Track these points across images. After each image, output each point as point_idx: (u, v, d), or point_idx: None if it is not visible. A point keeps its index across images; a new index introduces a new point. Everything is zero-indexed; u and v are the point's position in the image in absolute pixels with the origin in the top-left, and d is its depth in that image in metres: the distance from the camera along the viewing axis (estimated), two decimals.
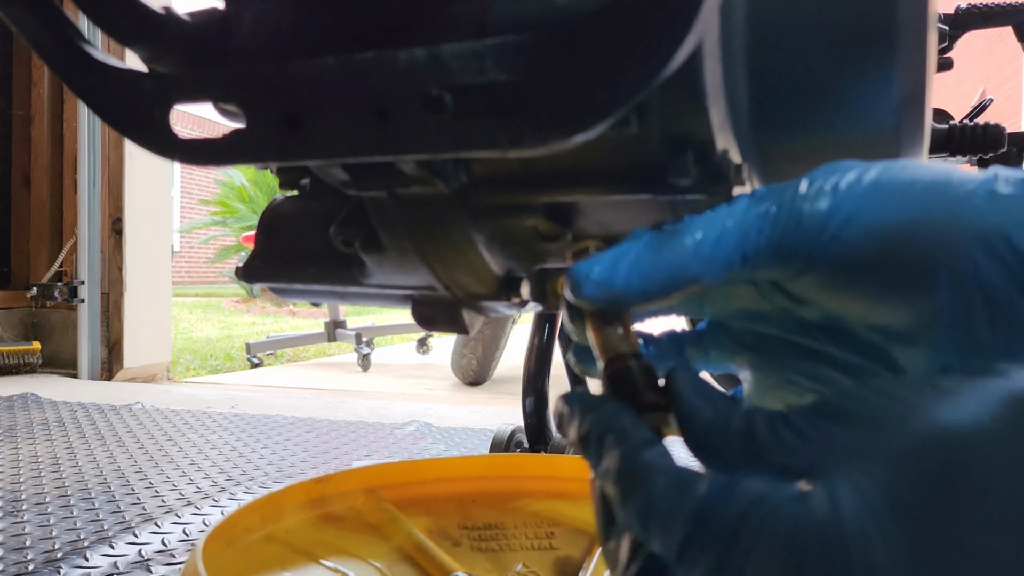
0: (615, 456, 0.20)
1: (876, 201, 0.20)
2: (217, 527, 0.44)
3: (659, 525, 0.19)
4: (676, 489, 0.19)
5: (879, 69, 0.26)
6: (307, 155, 0.27)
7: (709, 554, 0.18)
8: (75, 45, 0.31)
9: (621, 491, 0.20)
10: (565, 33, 0.23)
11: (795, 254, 0.21)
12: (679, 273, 0.22)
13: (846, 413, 0.18)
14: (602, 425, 0.21)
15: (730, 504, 0.18)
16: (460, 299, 0.36)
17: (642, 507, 0.19)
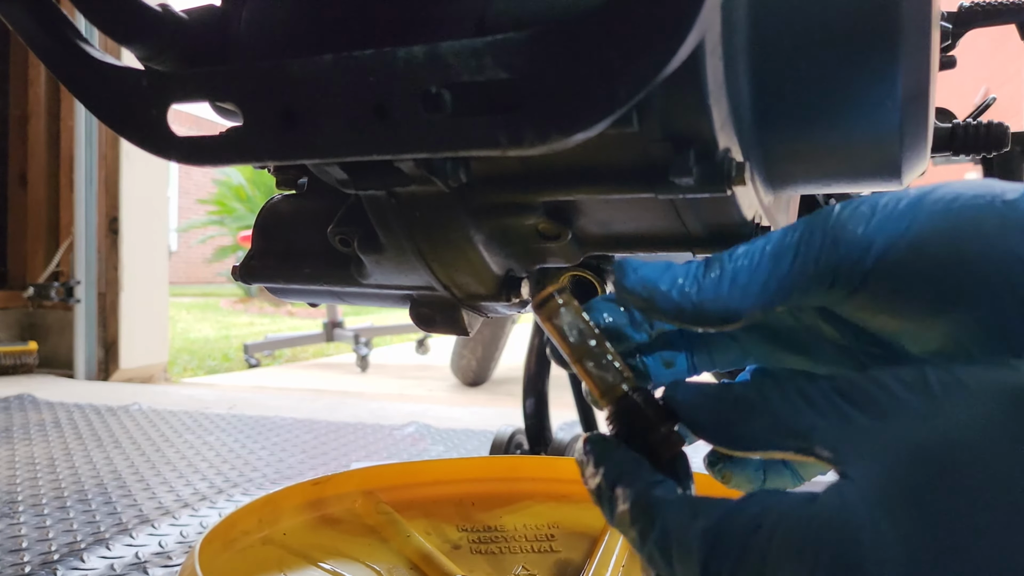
0: (628, 501, 0.21)
1: (919, 219, 0.21)
2: (214, 529, 0.44)
3: (678, 552, 0.19)
4: (687, 514, 0.19)
5: (882, 67, 0.26)
6: (305, 154, 0.27)
7: (728, 567, 0.18)
8: (72, 43, 0.31)
9: (638, 531, 0.20)
10: (565, 30, 0.23)
11: (837, 276, 0.21)
12: (718, 304, 0.22)
13: (866, 396, 0.19)
14: (613, 475, 0.22)
15: (740, 517, 0.19)
16: (459, 299, 0.36)
17: (660, 539, 0.20)
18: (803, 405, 0.19)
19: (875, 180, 0.30)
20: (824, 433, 0.19)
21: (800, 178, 0.31)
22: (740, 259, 0.22)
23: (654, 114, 0.26)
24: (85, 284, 2.04)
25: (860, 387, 0.19)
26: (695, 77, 0.25)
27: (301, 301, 0.42)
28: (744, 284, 0.22)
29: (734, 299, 0.22)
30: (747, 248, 0.22)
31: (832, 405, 0.19)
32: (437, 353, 3.02)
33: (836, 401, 0.19)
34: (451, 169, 0.28)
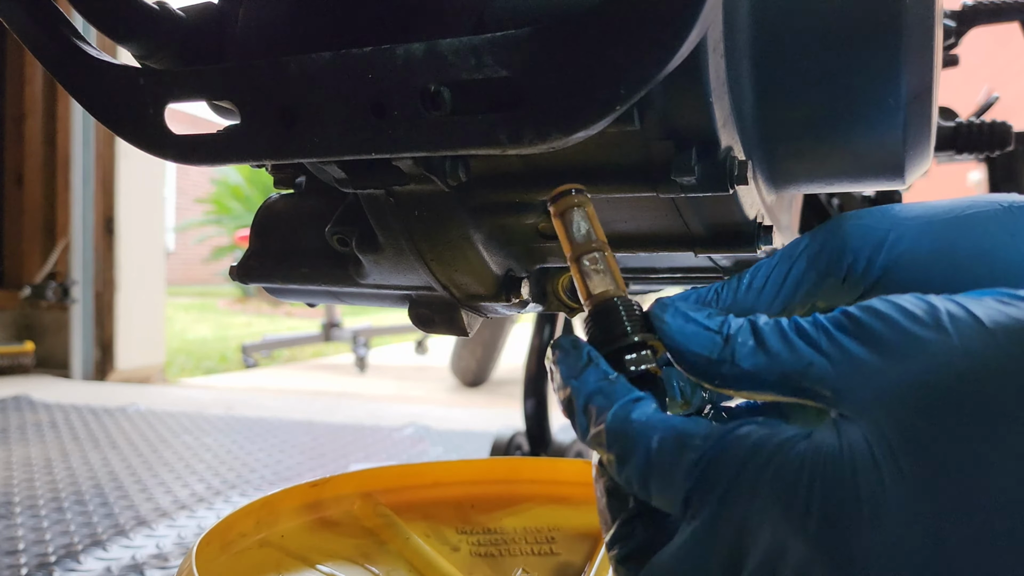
0: (604, 419, 0.20)
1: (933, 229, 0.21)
2: (211, 531, 0.43)
3: (660, 482, 0.19)
4: (674, 444, 0.19)
5: (885, 66, 0.26)
6: (303, 153, 0.27)
7: (712, 501, 0.18)
8: (68, 41, 0.30)
9: (616, 456, 0.20)
10: (566, 28, 0.23)
11: (849, 275, 0.21)
12: (737, 308, 0.22)
13: (868, 332, 0.18)
14: (586, 390, 0.21)
15: (730, 451, 0.18)
16: (458, 299, 0.36)
17: (641, 467, 0.19)
18: (800, 342, 0.19)
19: (878, 179, 0.30)
20: (822, 371, 0.18)
21: (803, 177, 0.30)
22: (759, 265, 0.23)
23: (655, 112, 0.26)
24: (82, 284, 2.03)
25: (862, 321, 0.18)
26: (697, 75, 0.25)
27: (299, 301, 0.42)
28: (759, 287, 0.22)
29: (749, 300, 0.22)
30: (766, 259, 0.23)
31: (832, 341, 0.18)
32: (436, 354, 3.02)
33: (836, 336, 0.18)
34: (450, 168, 0.28)
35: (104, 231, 2.06)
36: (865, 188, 0.31)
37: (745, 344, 0.20)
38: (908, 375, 0.17)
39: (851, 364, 0.18)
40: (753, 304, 0.22)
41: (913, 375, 0.17)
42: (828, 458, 0.17)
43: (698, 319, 0.21)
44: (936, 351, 0.17)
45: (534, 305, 0.36)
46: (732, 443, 0.18)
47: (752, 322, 0.20)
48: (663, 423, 0.19)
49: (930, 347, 0.17)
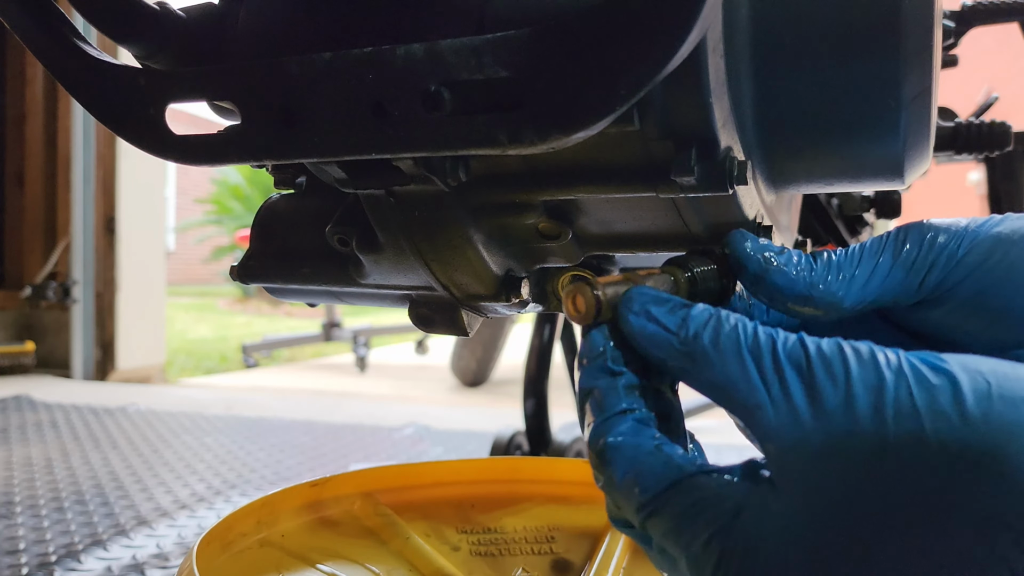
0: (590, 426, 0.22)
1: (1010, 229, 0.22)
2: (212, 531, 0.43)
3: (622, 504, 0.21)
4: (631, 483, 0.20)
5: (885, 66, 0.26)
6: (303, 153, 0.27)
7: (655, 540, 0.20)
8: (69, 41, 0.30)
9: (592, 461, 0.21)
10: (565, 28, 0.23)
11: (931, 273, 0.22)
12: (826, 292, 0.23)
13: (818, 388, 0.18)
14: (585, 383, 0.22)
15: (671, 508, 0.19)
16: (458, 299, 0.36)
17: (607, 487, 0.21)
18: (751, 366, 0.19)
19: (877, 179, 0.30)
20: (762, 414, 0.19)
21: (802, 177, 0.30)
22: (844, 256, 0.23)
23: (655, 112, 0.26)
24: (82, 284, 2.03)
25: (815, 373, 0.18)
26: (697, 75, 0.25)
27: (299, 301, 0.42)
28: (849, 277, 0.23)
29: (841, 288, 0.23)
30: (849, 249, 0.24)
31: (780, 380, 0.19)
32: (436, 354, 3.02)
33: (786, 374, 0.18)
34: (450, 168, 0.28)
35: (105, 231, 2.06)
36: (864, 188, 0.31)
37: (699, 349, 0.20)
38: (827, 461, 0.18)
39: (786, 413, 0.18)
40: (842, 293, 0.23)
41: (831, 464, 0.17)
42: (747, 545, 0.18)
43: (660, 318, 0.21)
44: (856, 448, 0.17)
45: (534, 305, 0.36)
46: (670, 504, 0.20)
47: (716, 330, 0.20)
48: (630, 454, 0.20)
49: (854, 441, 0.17)
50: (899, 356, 0.18)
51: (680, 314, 0.21)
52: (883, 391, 0.17)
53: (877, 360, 0.18)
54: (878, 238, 0.24)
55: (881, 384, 0.17)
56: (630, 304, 0.22)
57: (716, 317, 0.20)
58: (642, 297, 0.22)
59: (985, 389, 0.17)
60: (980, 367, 0.17)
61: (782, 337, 0.19)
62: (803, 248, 0.39)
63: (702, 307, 0.21)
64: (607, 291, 0.22)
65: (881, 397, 0.17)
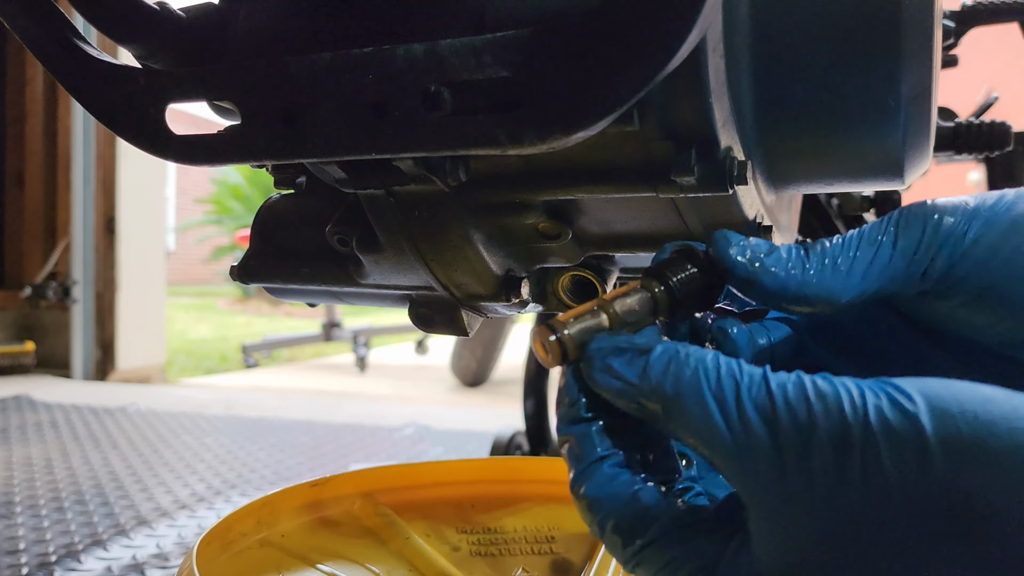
0: (571, 473, 0.22)
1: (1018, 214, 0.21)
2: (212, 531, 0.43)
3: (608, 550, 0.21)
4: (610, 533, 0.21)
5: (885, 66, 0.26)
6: (303, 153, 0.27)
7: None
8: (69, 42, 0.30)
9: (579, 511, 0.22)
10: (566, 28, 0.23)
11: (934, 262, 0.21)
12: (821, 287, 0.22)
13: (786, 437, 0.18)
14: (562, 431, 0.22)
15: (654, 560, 0.20)
16: (458, 299, 0.36)
17: (594, 535, 0.22)
18: (713, 407, 0.19)
19: (877, 179, 0.30)
20: (728, 456, 0.19)
21: (802, 177, 0.31)
22: (839, 246, 0.22)
23: (655, 112, 0.26)
24: (82, 284, 2.03)
25: (779, 418, 0.18)
26: (696, 75, 0.25)
27: (299, 301, 0.42)
28: (846, 270, 0.22)
29: (837, 282, 0.21)
30: (844, 236, 0.22)
31: (742, 423, 0.18)
32: (436, 354, 3.02)
33: (749, 418, 0.18)
34: (450, 168, 0.28)
35: (105, 231, 2.06)
36: (864, 188, 0.31)
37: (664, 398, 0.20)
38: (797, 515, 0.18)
39: (753, 466, 0.18)
40: (839, 288, 0.21)
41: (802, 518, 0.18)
42: None
43: (620, 371, 0.21)
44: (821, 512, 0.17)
45: (534, 305, 0.36)
46: (656, 550, 0.20)
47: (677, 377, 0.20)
48: (608, 506, 0.21)
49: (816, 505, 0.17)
50: (865, 404, 0.17)
51: (639, 363, 0.20)
52: (849, 448, 0.17)
53: (843, 410, 0.17)
54: (877, 222, 0.22)
55: (847, 438, 0.17)
56: (591, 363, 0.21)
57: (675, 361, 0.20)
58: (601, 352, 0.21)
59: (956, 437, 0.16)
60: (951, 408, 0.17)
61: (746, 380, 0.19)
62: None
63: (660, 351, 0.20)
64: (572, 332, 0.22)
65: (846, 455, 0.17)
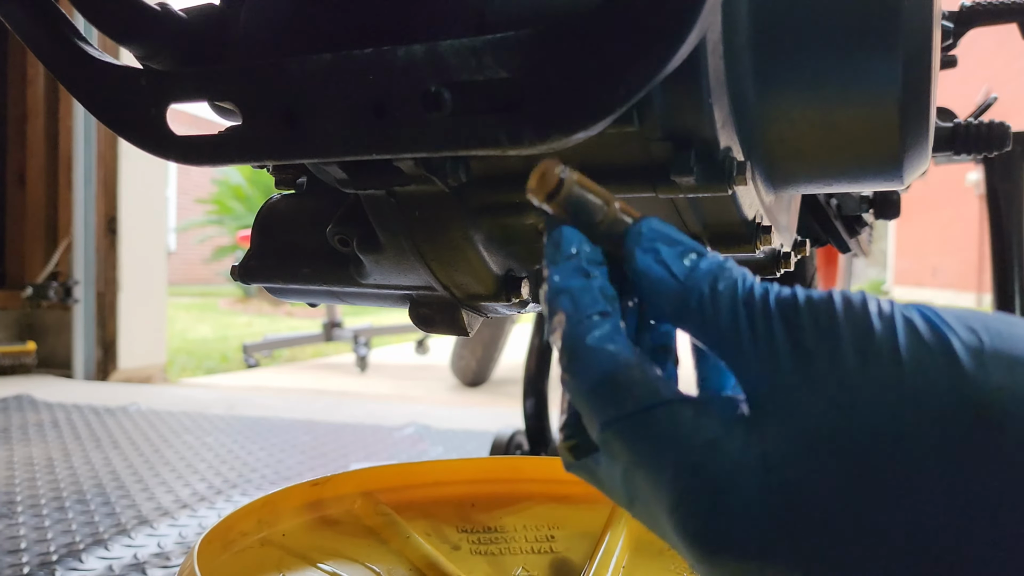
0: (561, 329, 0.21)
1: None
2: (213, 530, 0.43)
3: (585, 415, 0.20)
4: (604, 393, 0.19)
5: (884, 67, 0.26)
6: (304, 153, 0.27)
7: (616, 463, 0.19)
8: (70, 42, 0.30)
9: (564, 364, 0.21)
10: (565, 29, 0.23)
11: None
12: None
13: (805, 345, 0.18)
14: (557, 283, 0.21)
15: (640, 434, 0.19)
16: (459, 299, 0.36)
17: (574, 392, 0.20)
18: (742, 310, 0.19)
19: (876, 179, 0.30)
20: (743, 352, 0.18)
21: (801, 177, 0.31)
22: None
23: (655, 113, 0.26)
24: (84, 284, 2.04)
25: (804, 306, 0.18)
26: (696, 76, 0.25)
27: (300, 301, 0.42)
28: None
29: None
30: None
31: (766, 320, 0.18)
32: (436, 353, 3.02)
33: (772, 317, 0.18)
34: (451, 168, 0.28)
35: (106, 231, 2.06)
36: (863, 189, 0.31)
37: (697, 301, 0.20)
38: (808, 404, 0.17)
39: (768, 356, 0.18)
40: None
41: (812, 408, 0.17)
42: (718, 479, 0.18)
43: (668, 261, 0.20)
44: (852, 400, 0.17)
45: (534, 305, 0.37)
46: (642, 425, 0.19)
47: (713, 283, 0.20)
48: (605, 361, 0.20)
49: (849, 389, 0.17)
50: (892, 306, 0.18)
51: (689, 262, 0.20)
52: (870, 338, 0.17)
53: (868, 308, 0.18)
54: None
55: (868, 331, 0.17)
56: (638, 238, 0.21)
57: (720, 268, 0.20)
58: (653, 234, 0.21)
59: (977, 345, 0.17)
60: (974, 323, 0.17)
61: (775, 289, 0.19)
62: (802, 249, 0.39)
63: (711, 257, 0.20)
64: (576, 180, 0.21)
65: (867, 343, 0.17)
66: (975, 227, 6.17)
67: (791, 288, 0.19)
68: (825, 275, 0.86)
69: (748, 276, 0.20)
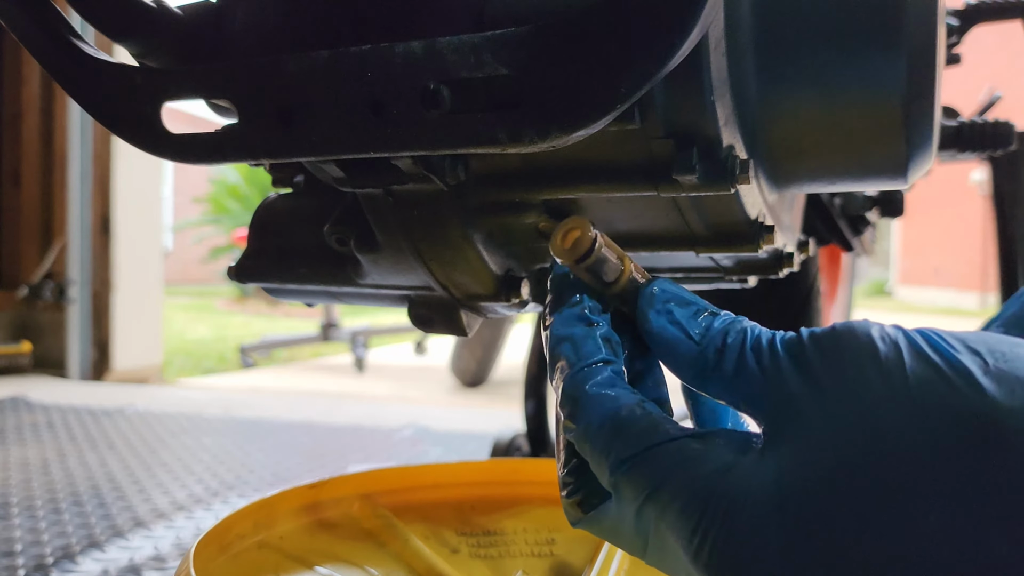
0: (563, 376, 0.21)
1: None
2: (209, 532, 0.43)
3: (593, 461, 0.20)
4: (609, 434, 0.20)
5: (888, 65, 0.26)
6: (301, 151, 0.27)
7: (629, 499, 0.19)
8: (65, 39, 0.30)
9: (566, 415, 0.21)
10: (566, 25, 0.22)
11: None
12: None
13: (814, 370, 0.18)
14: (559, 330, 0.22)
15: (652, 466, 0.19)
16: (458, 299, 0.36)
17: (581, 438, 0.20)
18: (752, 360, 0.19)
19: (880, 178, 0.30)
20: (756, 395, 0.19)
21: (805, 176, 0.30)
22: None
23: (656, 111, 0.26)
24: (79, 284, 2.03)
25: (807, 354, 0.18)
26: (698, 74, 0.25)
27: (297, 301, 0.41)
28: None
29: None
30: None
31: (773, 360, 0.19)
32: (435, 354, 3.02)
33: (779, 356, 0.19)
34: (449, 167, 0.28)
35: (101, 231, 2.05)
36: (867, 188, 0.31)
37: (712, 355, 0.20)
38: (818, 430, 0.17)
39: (778, 390, 0.18)
40: None
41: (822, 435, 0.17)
42: (733, 502, 0.18)
43: (682, 322, 0.21)
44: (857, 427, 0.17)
45: (534, 305, 0.36)
46: (655, 458, 0.19)
47: (724, 335, 0.20)
48: (610, 404, 0.20)
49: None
50: (896, 330, 0.18)
51: (704, 322, 0.21)
52: (876, 362, 0.17)
53: (871, 335, 0.18)
54: None
55: (874, 355, 0.17)
56: (652, 300, 0.21)
57: (731, 324, 0.20)
58: (665, 294, 0.21)
59: (983, 366, 0.17)
60: (978, 345, 0.17)
61: (781, 334, 0.20)
62: (805, 248, 0.39)
63: (724, 316, 0.21)
64: (604, 245, 0.22)
65: (873, 368, 0.17)
66: (978, 227, 6.19)
67: (796, 331, 0.19)
68: (828, 274, 0.85)
69: (757, 327, 0.20)
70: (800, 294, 0.56)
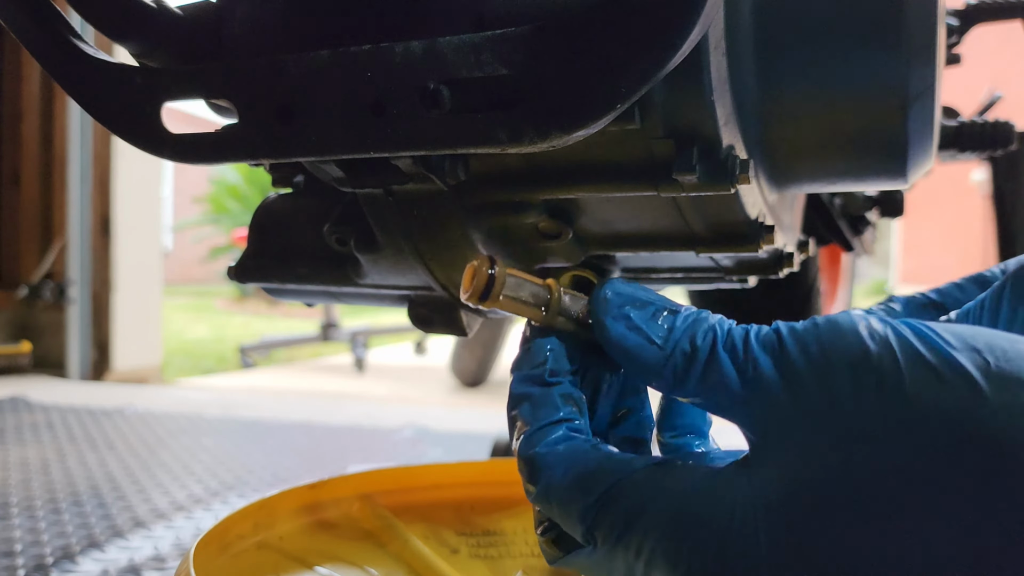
0: (520, 436, 0.21)
1: None
2: (209, 533, 0.43)
3: (560, 516, 0.20)
4: (573, 484, 0.19)
5: (888, 64, 0.26)
6: (301, 151, 0.27)
7: (610, 539, 0.18)
8: (65, 39, 0.30)
9: (524, 476, 0.20)
10: (566, 25, 0.22)
11: None
12: None
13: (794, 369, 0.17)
14: (517, 388, 0.21)
15: (626, 498, 0.18)
16: (458, 299, 0.36)
17: (543, 499, 0.20)
18: (724, 356, 0.18)
19: (881, 178, 0.30)
20: (735, 403, 0.18)
21: (805, 176, 0.30)
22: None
23: (656, 111, 0.26)
24: (79, 284, 2.03)
25: (788, 351, 0.17)
26: (698, 73, 0.25)
27: (297, 301, 0.41)
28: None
29: None
30: None
31: (749, 360, 0.17)
32: (435, 354, 3.02)
33: (756, 356, 0.17)
34: (449, 167, 0.28)
35: (101, 231, 2.05)
36: (867, 188, 0.31)
37: (682, 360, 0.19)
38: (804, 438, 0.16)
39: (759, 397, 0.17)
40: None
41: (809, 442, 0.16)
42: (716, 524, 0.17)
43: (642, 326, 0.19)
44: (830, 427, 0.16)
45: None
46: (621, 496, 0.18)
47: (692, 338, 0.19)
48: (567, 455, 0.19)
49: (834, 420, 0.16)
50: (885, 324, 0.17)
51: (665, 323, 0.19)
52: (866, 362, 0.16)
53: (859, 331, 0.16)
54: None
55: (864, 355, 0.16)
56: (605, 305, 0.20)
57: (696, 322, 0.19)
58: (619, 297, 0.20)
59: (984, 367, 0.15)
60: (976, 342, 0.16)
61: (755, 329, 0.18)
62: (806, 248, 0.39)
63: (685, 312, 0.19)
64: (508, 277, 0.20)
65: (863, 369, 0.16)
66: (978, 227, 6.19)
67: (773, 325, 0.18)
68: (828, 275, 0.85)
69: (725, 322, 0.19)
70: (800, 294, 0.56)
